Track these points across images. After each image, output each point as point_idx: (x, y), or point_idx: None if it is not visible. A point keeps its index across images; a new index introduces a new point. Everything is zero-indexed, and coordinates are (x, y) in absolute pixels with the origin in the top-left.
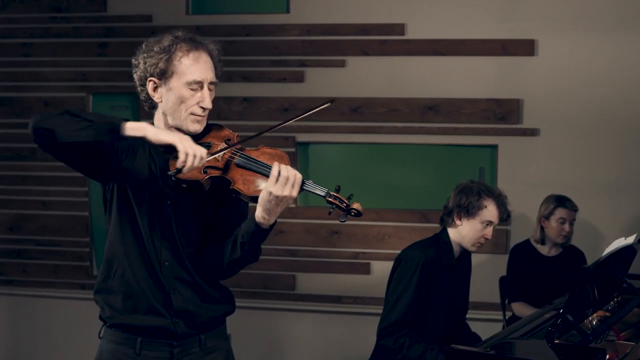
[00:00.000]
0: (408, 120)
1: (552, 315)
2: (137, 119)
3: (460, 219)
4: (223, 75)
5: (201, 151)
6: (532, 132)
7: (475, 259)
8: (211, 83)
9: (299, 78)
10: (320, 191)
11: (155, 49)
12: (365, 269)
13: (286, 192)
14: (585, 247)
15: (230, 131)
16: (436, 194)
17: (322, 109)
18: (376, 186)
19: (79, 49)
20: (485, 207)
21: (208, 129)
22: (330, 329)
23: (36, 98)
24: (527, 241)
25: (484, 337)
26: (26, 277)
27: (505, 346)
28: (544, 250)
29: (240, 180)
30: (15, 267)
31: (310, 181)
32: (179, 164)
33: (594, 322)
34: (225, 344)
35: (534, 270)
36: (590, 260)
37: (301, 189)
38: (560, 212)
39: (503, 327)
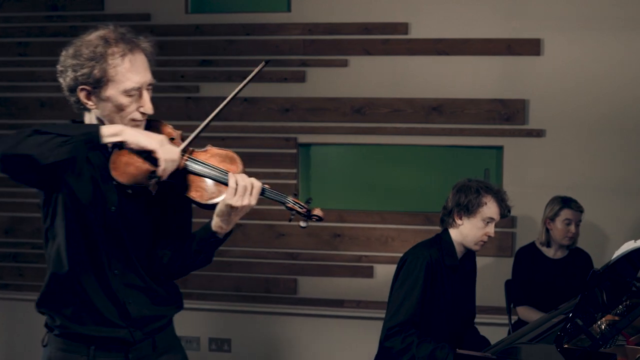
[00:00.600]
0: (411, 121)
1: (560, 320)
2: None
3: (460, 218)
4: (223, 75)
5: (177, 155)
6: (538, 133)
7: (481, 262)
8: (149, 85)
9: (301, 78)
10: (280, 198)
11: (84, 54)
12: (368, 273)
13: (245, 202)
14: (591, 250)
15: (172, 128)
16: (440, 196)
17: (257, 72)
18: (379, 188)
19: None
20: (485, 204)
21: (147, 127)
22: (332, 334)
23: (32, 98)
24: (533, 244)
25: (491, 342)
26: (22, 281)
27: (513, 351)
28: (550, 252)
29: (193, 187)
30: (11, 270)
31: (268, 186)
32: (159, 171)
33: (603, 327)
34: (176, 340)
35: (539, 274)
36: (596, 262)
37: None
38: (565, 214)
39: (509, 331)
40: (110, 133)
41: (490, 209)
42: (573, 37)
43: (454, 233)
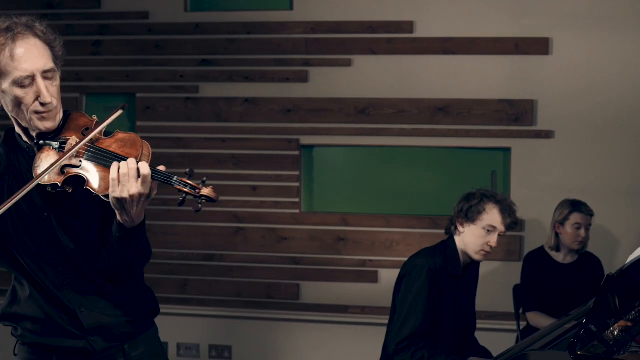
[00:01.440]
0: (417, 122)
1: (572, 326)
2: (133, 120)
3: (462, 225)
4: (224, 75)
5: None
6: (547, 134)
7: (488, 266)
8: (46, 71)
9: (303, 78)
10: (167, 178)
11: None
12: (373, 278)
13: (133, 191)
14: (601, 254)
15: (90, 117)
16: (446, 199)
17: (115, 117)
18: (384, 191)
19: (72, 48)
20: (485, 210)
21: (66, 119)
22: (336, 341)
23: None
24: (542, 248)
25: (497, 349)
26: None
27: (525, 358)
28: (559, 257)
29: (92, 178)
30: None
31: (162, 167)
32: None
33: (617, 333)
34: (156, 348)
35: (548, 278)
36: (606, 267)
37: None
38: (575, 217)
39: (517, 338)
40: None
41: (490, 216)
42: (583, 36)
43: (458, 241)
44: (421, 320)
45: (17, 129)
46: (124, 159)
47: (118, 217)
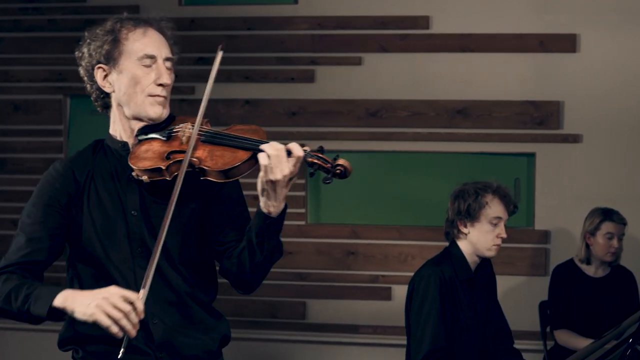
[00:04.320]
0: (433, 126)
1: (613, 346)
2: None
3: (465, 227)
4: (222, 74)
5: (130, 298)
6: (574, 139)
7: (511, 282)
8: (167, 59)
9: (309, 78)
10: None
11: (98, 33)
12: (386, 295)
13: (286, 172)
14: (635, 266)
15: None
16: None
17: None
18: (397, 200)
19: (55, 45)
20: (487, 204)
21: (171, 120)
22: None
23: (5, 101)
24: (571, 261)
25: None
26: None
27: None
28: (590, 270)
29: (208, 157)
30: None
31: (307, 147)
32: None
33: None
34: None
35: (578, 294)
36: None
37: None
38: (607, 227)
39: (544, 359)
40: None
41: (493, 208)
42: (612, 32)
43: (462, 244)
44: (438, 334)
45: (112, 129)
46: (249, 139)
47: (263, 205)
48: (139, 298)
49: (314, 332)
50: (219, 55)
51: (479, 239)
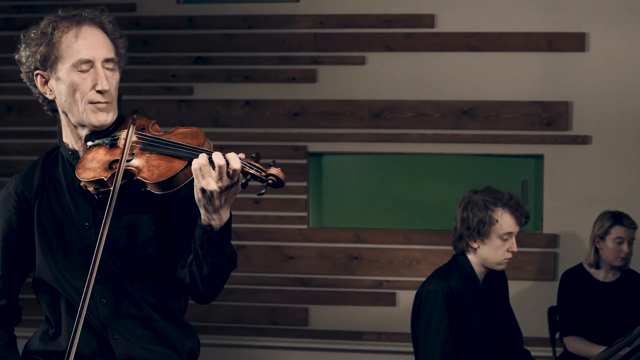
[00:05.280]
0: (439, 127)
1: (627, 353)
2: None
3: (475, 242)
4: (221, 74)
5: None
6: (583, 140)
7: (519, 286)
8: (107, 61)
9: (311, 78)
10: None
11: (32, 35)
12: (390, 300)
13: (220, 183)
14: None
15: (148, 120)
16: None
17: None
18: (402, 203)
19: None
20: (497, 221)
21: (120, 122)
22: None
23: None
24: (580, 265)
25: None
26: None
27: None
28: (600, 275)
29: (145, 167)
30: None
31: (243, 155)
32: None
33: None
34: None
35: (588, 299)
36: None
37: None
38: (617, 231)
39: None
40: None
41: (503, 224)
42: (622, 31)
43: (471, 257)
44: (447, 348)
45: (64, 135)
46: (186, 146)
47: (203, 218)
48: None
49: (316, 339)
50: (131, 128)
51: (489, 255)
